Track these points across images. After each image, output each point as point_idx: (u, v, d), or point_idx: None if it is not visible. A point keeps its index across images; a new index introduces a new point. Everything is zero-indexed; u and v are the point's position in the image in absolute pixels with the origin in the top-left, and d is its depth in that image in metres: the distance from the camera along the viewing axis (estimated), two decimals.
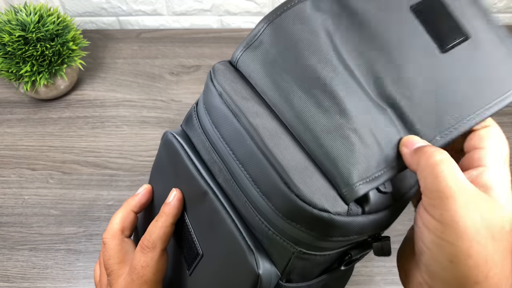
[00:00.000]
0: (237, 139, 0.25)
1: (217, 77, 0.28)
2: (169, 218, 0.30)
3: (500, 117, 0.56)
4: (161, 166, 0.32)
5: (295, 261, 0.25)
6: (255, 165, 0.24)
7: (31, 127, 0.56)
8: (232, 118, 0.25)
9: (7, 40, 0.50)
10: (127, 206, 0.33)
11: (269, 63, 0.26)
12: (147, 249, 0.29)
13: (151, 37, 0.68)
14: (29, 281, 0.44)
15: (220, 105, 0.26)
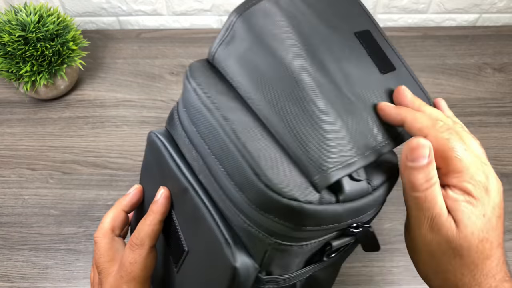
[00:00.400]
0: (211, 133, 0.26)
1: (193, 74, 0.29)
2: (157, 216, 0.30)
3: (499, 117, 0.56)
4: (148, 166, 0.33)
5: (272, 252, 0.25)
6: (229, 158, 0.24)
7: (31, 127, 0.57)
8: (206, 113, 0.26)
9: (7, 40, 0.50)
10: (118, 206, 0.34)
11: (242, 57, 0.27)
12: (136, 246, 0.30)
13: (151, 37, 0.68)
14: (29, 281, 0.44)
15: (195, 101, 0.27)
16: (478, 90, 0.59)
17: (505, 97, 0.58)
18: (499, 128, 0.55)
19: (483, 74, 0.61)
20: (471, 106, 0.57)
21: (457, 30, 0.68)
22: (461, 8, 0.69)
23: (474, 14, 0.70)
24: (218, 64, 0.29)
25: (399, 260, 0.44)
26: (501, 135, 0.54)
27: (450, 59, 0.64)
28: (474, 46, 0.65)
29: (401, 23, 0.71)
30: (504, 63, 0.63)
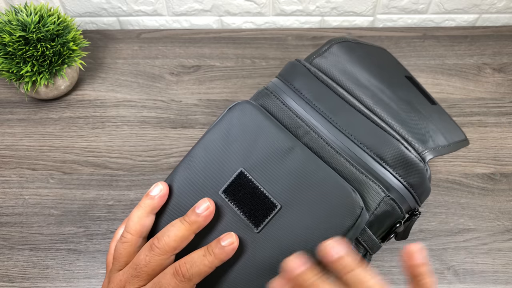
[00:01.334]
0: (338, 109, 0.33)
1: (311, 61, 0.38)
2: (216, 262, 0.29)
3: (498, 117, 0.56)
4: (228, 135, 0.33)
5: (383, 206, 0.31)
6: (361, 126, 0.32)
7: (31, 127, 0.57)
8: (332, 93, 0.34)
9: (7, 40, 0.51)
10: (147, 208, 0.32)
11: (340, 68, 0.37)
12: (183, 279, 0.28)
13: (151, 37, 0.68)
14: (29, 280, 0.44)
15: (316, 83, 0.35)
16: (478, 90, 0.59)
17: (504, 97, 0.59)
18: (498, 128, 0.55)
19: (483, 74, 0.62)
20: (470, 106, 0.58)
21: (457, 30, 0.68)
22: (461, 9, 0.69)
23: (474, 15, 0.70)
24: (317, 66, 0.37)
25: (399, 260, 0.44)
26: (501, 135, 0.54)
27: (449, 59, 0.64)
28: (474, 46, 0.65)
29: (400, 24, 0.71)
30: (503, 63, 0.63)
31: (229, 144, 0.33)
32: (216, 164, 0.33)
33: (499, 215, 0.47)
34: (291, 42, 0.67)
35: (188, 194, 0.32)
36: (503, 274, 0.43)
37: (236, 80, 0.62)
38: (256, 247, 0.30)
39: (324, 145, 0.32)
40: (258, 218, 0.30)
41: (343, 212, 0.29)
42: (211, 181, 0.32)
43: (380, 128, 0.32)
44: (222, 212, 0.31)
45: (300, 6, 0.69)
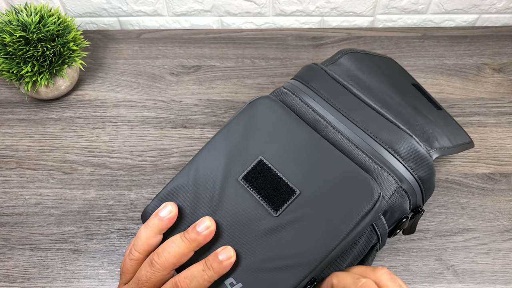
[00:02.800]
0: (354, 107, 0.35)
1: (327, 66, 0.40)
2: (215, 276, 0.30)
3: (498, 117, 0.56)
4: (250, 125, 0.35)
5: (396, 196, 0.32)
6: (376, 123, 0.34)
7: (31, 127, 0.57)
8: (348, 93, 0.36)
9: (8, 40, 0.51)
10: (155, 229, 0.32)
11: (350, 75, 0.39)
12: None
13: (151, 37, 0.68)
14: (29, 280, 0.44)
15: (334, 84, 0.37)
16: (477, 91, 0.60)
17: (504, 97, 0.59)
18: (498, 128, 0.55)
19: (482, 74, 0.62)
20: (470, 106, 0.58)
21: (456, 31, 0.68)
22: (460, 9, 0.69)
23: (473, 15, 0.70)
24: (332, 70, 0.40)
25: (398, 260, 0.45)
26: (500, 135, 0.54)
27: (449, 59, 0.64)
28: (473, 46, 0.65)
29: (400, 24, 0.71)
30: (503, 64, 0.63)
31: (249, 134, 0.35)
32: (236, 152, 0.34)
33: (499, 215, 0.47)
34: (291, 42, 0.67)
35: (207, 181, 0.34)
36: (503, 274, 0.43)
37: (236, 80, 0.62)
38: (275, 231, 0.31)
39: (342, 138, 0.34)
40: (277, 202, 0.31)
41: (362, 197, 0.30)
42: (231, 168, 0.33)
43: (394, 125, 0.34)
44: (242, 197, 0.32)
45: (300, 6, 0.69)
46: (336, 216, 0.30)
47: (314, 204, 0.31)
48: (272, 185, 0.32)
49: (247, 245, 0.31)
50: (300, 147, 0.33)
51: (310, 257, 0.30)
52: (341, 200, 0.30)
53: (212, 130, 0.56)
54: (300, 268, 0.29)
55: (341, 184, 0.31)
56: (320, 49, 0.66)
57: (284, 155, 0.33)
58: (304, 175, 0.32)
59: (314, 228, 0.30)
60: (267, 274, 0.30)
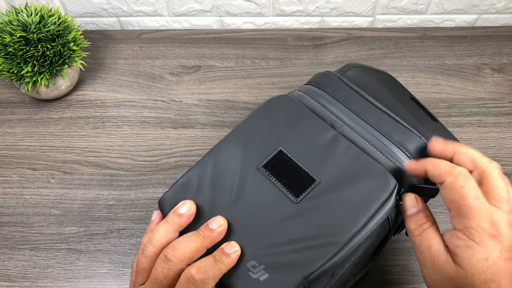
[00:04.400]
0: (367, 110, 0.37)
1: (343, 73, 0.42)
2: (225, 269, 0.30)
3: (497, 117, 0.56)
4: (270, 118, 0.37)
5: (407, 190, 0.33)
6: (387, 124, 0.36)
7: (32, 127, 0.57)
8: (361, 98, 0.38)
9: (8, 40, 0.51)
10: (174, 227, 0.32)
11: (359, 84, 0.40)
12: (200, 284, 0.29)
13: (151, 37, 0.68)
14: (30, 280, 0.44)
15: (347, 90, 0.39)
16: (477, 91, 0.60)
17: (503, 97, 0.59)
18: (497, 128, 0.55)
19: (482, 74, 0.62)
20: (470, 107, 0.58)
21: (456, 31, 0.68)
22: (460, 9, 0.69)
23: (473, 15, 0.70)
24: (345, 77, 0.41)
25: (398, 259, 0.45)
26: (500, 135, 0.54)
27: (449, 59, 0.64)
28: (473, 46, 0.66)
29: (400, 24, 0.71)
30: (503, 64, 0.63)
31: (269, 127, 0.36)
32: (255, 143, 0.36)
33: None
34: (291, 42, 0.67)
35: (227, 171, 0.35)
36: None
37: (236, 80, 0.62)
38: (296, 216, 0.32)
39: (357, 136, 0.35)
40: (298, 189, 0.33)
41: (380, 186, 0.31)
42: (251, 158, 0.35)
43: (404, 127, 0.36)
44: (262, 185, 0.34)
45: (300, 7, 0.69)
46: (356, 203, 0.31)
47: (334, 192, 0.32)
48: (293, 174, 0.33)
49: (268, 229, 0.32)
50: (318, 139, 0.35)
51: (332, 240, 0.30)
52: (360, 189, 0.32)
53: (212, 130, 0.56)
54: (323, 249, 0.30)
55: (358, 175, 0.32)
56: (320, 49, 0.66)
57: (303, 146, 0.35)
58: (322, 165, 0.33)
59: (336, 213, 0.31)
60: (289, 255, 0.31)
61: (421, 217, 0.31)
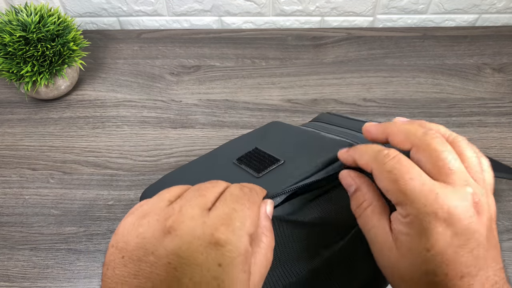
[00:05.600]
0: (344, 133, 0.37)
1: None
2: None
3: (498, 117, 0.56)
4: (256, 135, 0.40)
5: None
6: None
7: (31, 127, 0.57)
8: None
9: (8, 40, 0.51)
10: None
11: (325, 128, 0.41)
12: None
13: (151, 37, 0.68)
14: (29, 280, 0.44)
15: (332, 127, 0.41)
16: (477, 90, 0.60)
17: (504, 97, 0.59)
18: (498, 128, 0.55)
19: (483, 74, 0.62)
20: (470, 106, 0.58)
21: (457, 31, 0.68)
22: (461, 9, 0.69)
23: (474, 15, 0.70)
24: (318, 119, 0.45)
25: None
26: (500, 135, 0.54)
27: (449, 59, 0.64)
28: (474, 46, 0.65)
29: (400, 24, 0.71)
30: (503, 63, 0.63)
31: (251, 135, 0.40)
32: (240, 146, 0.38)
33: (499, 215, 0.47)
34: (291, 42, 0.67)
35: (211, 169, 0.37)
36: None
37: (236, 80, 0.62)
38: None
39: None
40: (260, 168, 0.33)
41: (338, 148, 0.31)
42: (233, 156, 0.36)
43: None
44: (231, 172, 0.35)
45: (300, 6, 0.69)
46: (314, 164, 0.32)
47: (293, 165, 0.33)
48: (260, 159, 0.35)
49: None
50: (295, 136, 0.37)
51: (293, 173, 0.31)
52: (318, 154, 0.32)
53: (212, 130, 0.56)
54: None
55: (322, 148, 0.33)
56: (320, 49, 0.66)
57: (277, 143, 0.37)
58: (290, 151, 0.35)
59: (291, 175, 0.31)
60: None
61: (358, 195, 0.26)
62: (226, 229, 0.22)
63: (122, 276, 0.21)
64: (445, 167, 0.23)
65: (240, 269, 0.21)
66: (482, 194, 0.23)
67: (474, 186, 0.23)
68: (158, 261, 0.21)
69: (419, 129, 0.25)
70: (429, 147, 0.23)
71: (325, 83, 0.61)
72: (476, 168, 0.24)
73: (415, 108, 0.58)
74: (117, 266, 0.22)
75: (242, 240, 0.22)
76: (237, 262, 0.21)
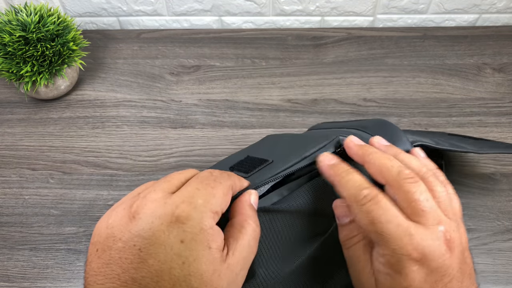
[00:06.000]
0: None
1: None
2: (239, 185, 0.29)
3: (498, 117, 0.56)
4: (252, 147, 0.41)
5: None
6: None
7: (31, 127, 0.57)
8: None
9: (7, 40, 0.51)
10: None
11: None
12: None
13: (151, 37, 0.68)
14: (29, 280, 0.44)
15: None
16: (478, 90, 0.59)
17: (504, 97, 0.59)
18: (498, 128, 0.55)
19: (483, 74, 0.62)
20: (470, 106, 0.57)
21: (457, 30, 0.68)
22: (461, 9, 0.69)
23: (474, 14, 0.70)
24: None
25: None
26: (501, 135, 0.54)
27: (449, 59, 0.64)
28: (474, 46, 0.65)
29: (400, 24, 0.71)
30: (503, 63, 0.63)
31: (246, 148, 0.40)
32: (232, 158, 0.39)
33: (499, 215, 0.47)
34: (291, 42, 0.67)
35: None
36: (503, 274, 0.43)
37: (236, 80, 0.62)
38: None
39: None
40: (250, 169, 0.33)
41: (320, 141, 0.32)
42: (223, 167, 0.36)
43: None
44: None
45: (300, 6, 0.69)
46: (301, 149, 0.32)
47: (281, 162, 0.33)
48: (250, 163, 0.35)
49: None
50: (285, 139, 0.37)
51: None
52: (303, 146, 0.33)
53: (212, 130, 0.56)
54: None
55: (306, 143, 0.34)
56: (320, 49, 0.66)
57: (269, 149, 0.37)
58: (281, 152, 0.35)
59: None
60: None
61: (352, 228, 0.27)
62: (187, 206, 0.22)
63: (97, 267, 0.22)
64: (418, 208, 0.24)
65: (204, 245, 0.22)
66: (453, 229, 0.24)
67: (446, 223, 0.24)
68: (125, 246, 0.22)
69: (394, 167, 0.25)
70: (402, 188, 0.24)
71: (325, 83, 0.61)
72: (446, 202, 0.25)
73: (415, 108, 0.58)
74: (93, 260, 0.22)
75: (204, 216, 0.22)
76: (200, 238, 0.22)
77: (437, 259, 0.23)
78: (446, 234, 0.24)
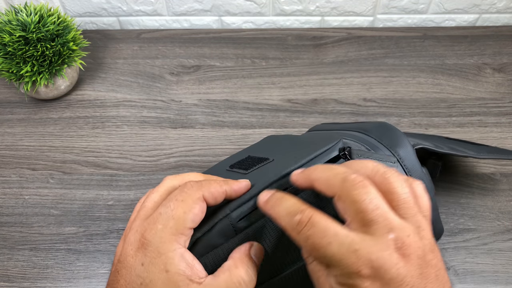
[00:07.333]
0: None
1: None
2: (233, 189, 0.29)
3: (498, 117, 0.56)
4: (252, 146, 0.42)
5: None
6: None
7: (31, 127, 0.57)
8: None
9: (7, 40, 0.51)
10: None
11: None
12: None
13: (151, 37, 0.68)
14: (29, 280, 0.44)
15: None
16: (478, 90, 0.59)
17: (504, 97, 0.59)
18: (498, 128, 0.55)
19: (483, 74, 0.62)
20: (470, 106, 0.57)
21: (457, 30, 0.68)
22: (461, 9, 0.69)
23: (474, 14, 0.70)
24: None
25: None
26: (501, 135, 0.54)
27: (449, 59, 0.64)
28: (474, 46, 0.65)
29: (400, 23, 0.71)
30: (503, 63, 0.63)
31: (247, 148, 0.41)
32: (233, 157, 0.40)
33: (499, 215, 0.47)
34: (291, 42, 0.67)
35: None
36: (503, 274, 0.43)
37: (236, 80, 0.62)
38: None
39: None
40: (249, 167, 0.34)
41: (323, 144, 0.30)
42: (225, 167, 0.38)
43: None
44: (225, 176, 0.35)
45: (300, 6, 0.69)
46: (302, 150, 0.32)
47: (281, 160, 0.32)
48: (250, 162, 0.35)
49: None
50: (286, 140, 0.37)
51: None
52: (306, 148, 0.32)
53: (212, 130, 0.56)
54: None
55: (308, 143, 0.33)
56: (320, 49, 0.66)
57: (270, 149, 0.37)
58: (282, 152, 0.35)
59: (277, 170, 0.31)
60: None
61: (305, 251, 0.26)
62: (149, 233, 0.25)
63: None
64: (366, 219, 0.22)
65: (161, 268, 0.24)
66: (408, 234, 0.22)
67: (398, 229, 0.22)
68: (113, 269, 0.27)
69: (338, 174, 0.24)
70: (348, 198, 0.23)
71: (325, 83, 0.61)
72: (408, 204, 0.23)
73: (415, 108, 0.58)
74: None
75: (162, 241, 0.25)
76: (157, 262, 0.25)
77: (390, 269, 0.21)
78: (397, 241, 0.22)
